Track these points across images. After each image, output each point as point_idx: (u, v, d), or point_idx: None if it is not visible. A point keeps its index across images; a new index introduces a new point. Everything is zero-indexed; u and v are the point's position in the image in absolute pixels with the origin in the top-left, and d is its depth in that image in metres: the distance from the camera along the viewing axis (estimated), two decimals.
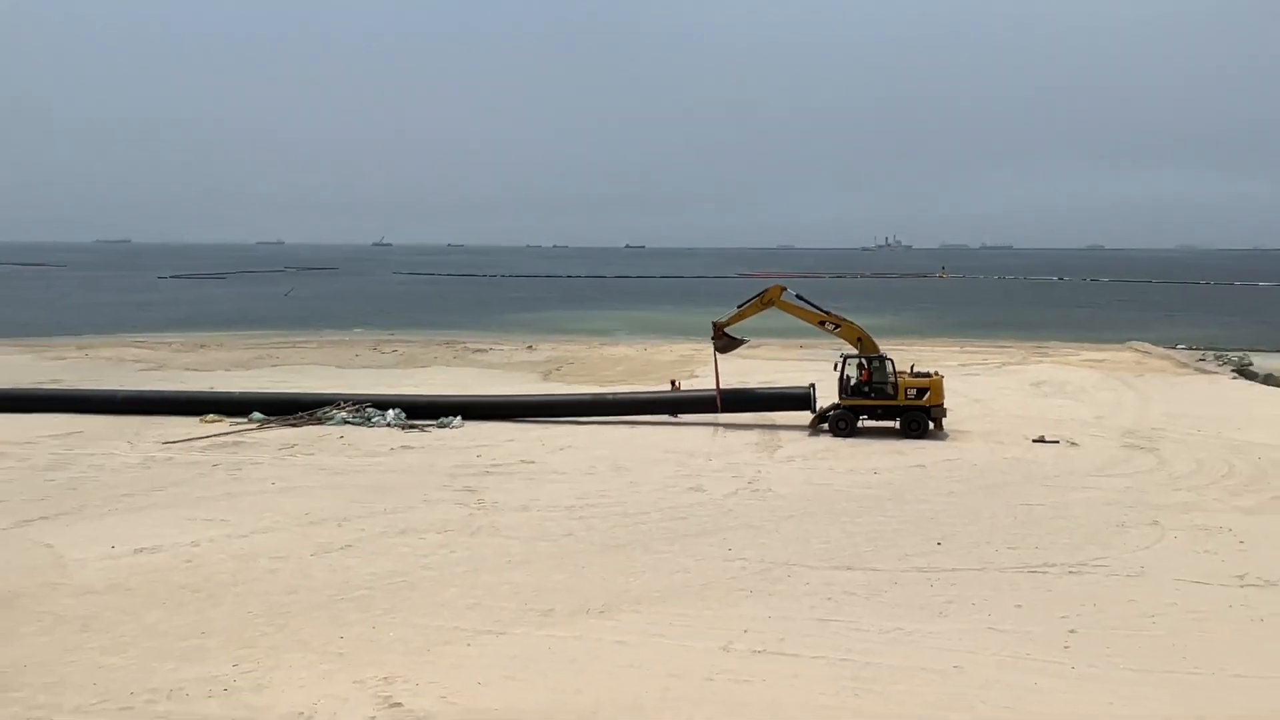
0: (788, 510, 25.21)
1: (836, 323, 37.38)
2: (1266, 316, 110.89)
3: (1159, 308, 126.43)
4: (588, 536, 22.89)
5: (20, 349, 68.71)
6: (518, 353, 67.44)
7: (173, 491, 27.19)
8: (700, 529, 23.50)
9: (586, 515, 24.74)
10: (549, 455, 32.27)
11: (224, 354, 66.30)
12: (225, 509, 25.30)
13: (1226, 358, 61.27)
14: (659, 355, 64.77)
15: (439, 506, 25.58)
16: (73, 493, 27.05)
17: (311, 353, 67.64)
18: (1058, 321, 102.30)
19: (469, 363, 61.06)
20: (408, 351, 67.97)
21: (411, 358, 63.61)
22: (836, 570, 20.47)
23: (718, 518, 24.52)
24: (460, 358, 63.83)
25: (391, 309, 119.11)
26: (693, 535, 22.97)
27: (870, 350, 36.91)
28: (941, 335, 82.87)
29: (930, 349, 65.29)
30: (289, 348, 71.37)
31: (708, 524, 23.95)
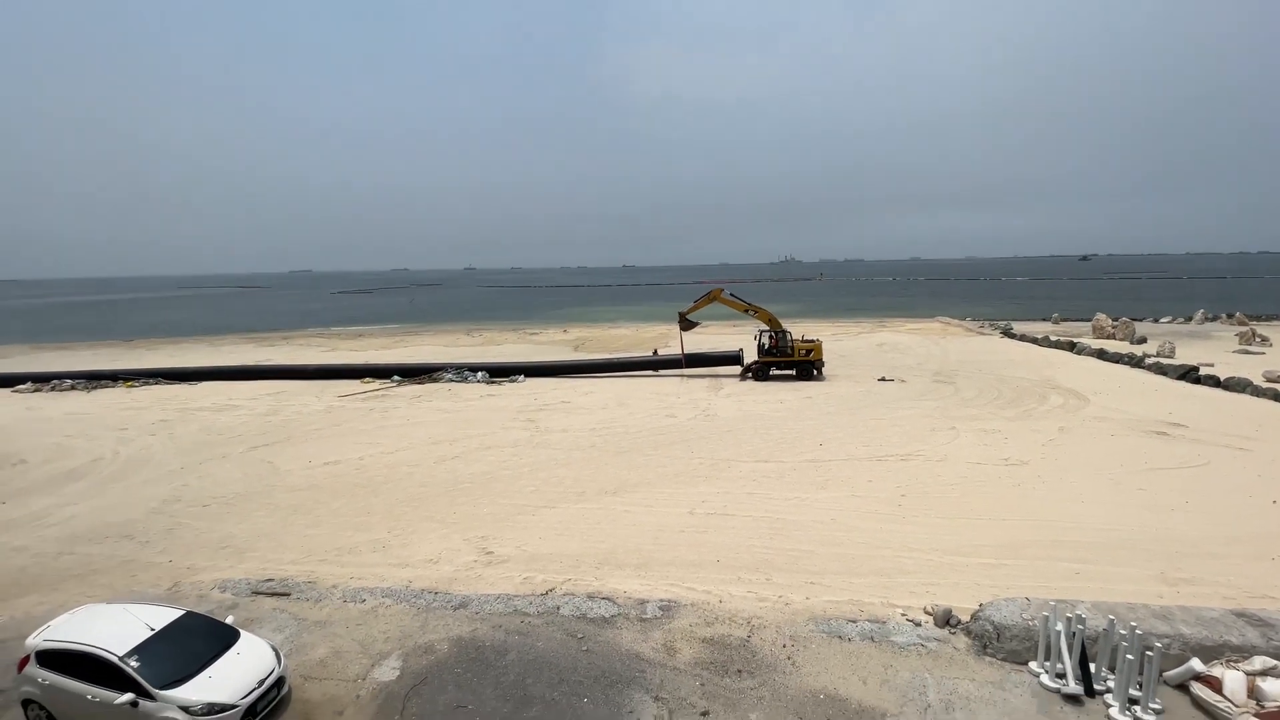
0: (727, 427, 25.38)
1: (755, 310, 37.29)
2: (1020, 300, 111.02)
3: (956, 295, 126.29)
4: (604, 447, 23.03)
5: (247, 341, 68.10)
6: (557, 334, 67.13)
7: (345, 426, 27.21)
8: (673, 440, 23.65)
9: (603, 434, 24.87)
10: (579, 397, 32.37)
11: (373, 340, 65.81)
12: (378, 436, 25.34)
13: (996, 324, 61.46)
14: (646, 333, 64.54)
15: (511, 431, 25.66)
16: (283, 428, 27.07)
17: (428, 338, 67.14)
18: (891, 305, 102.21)
19: (527, 341, 60.79)
20: (488, 335, 67.56)
21: (490, 339, 63.26)
22: (758, 463, 20.66)
23: (684, 433, 24.66)
24: (521, 338, 63.51)
25: (477, 310, 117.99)
26: (668, 444, 23.12)
27: (777, 327, 36.87)
28: (820, 316, 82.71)
29: (813, 324, 65.18)
30: (413, 335, 70.82)
31: (677, 437, 24.09)
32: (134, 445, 24.78)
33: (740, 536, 15.02)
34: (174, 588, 13.28)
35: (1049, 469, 19.30)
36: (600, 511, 16.82)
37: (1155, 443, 21.81)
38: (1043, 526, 15.17)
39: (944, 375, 35.61)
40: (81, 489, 19.80)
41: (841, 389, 32.52)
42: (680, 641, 10.96)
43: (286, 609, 12.27)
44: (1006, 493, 17.44)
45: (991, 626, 10.60)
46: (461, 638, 11.17)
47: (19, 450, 24.24)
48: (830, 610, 11.76)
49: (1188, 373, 33.18)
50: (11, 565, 14.56)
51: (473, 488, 18.96)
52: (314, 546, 15.14)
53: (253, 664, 9.54)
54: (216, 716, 8.75)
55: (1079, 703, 9.37)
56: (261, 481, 20.07)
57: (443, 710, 9.43)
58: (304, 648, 11.04)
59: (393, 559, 14.36)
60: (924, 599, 12.06)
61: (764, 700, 9.51)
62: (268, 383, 39.11)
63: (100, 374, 41.13)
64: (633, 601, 12.17)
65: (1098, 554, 13.76)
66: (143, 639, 9.36)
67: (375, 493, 18.76)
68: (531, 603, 12.20)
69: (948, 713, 9.19)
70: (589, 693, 9.73)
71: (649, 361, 39.77)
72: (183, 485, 19.88)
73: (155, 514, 17.52)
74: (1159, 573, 12.95)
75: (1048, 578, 12.75)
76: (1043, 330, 56.77)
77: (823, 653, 10.56)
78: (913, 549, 14.17)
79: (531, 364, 40.81)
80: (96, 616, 9.86)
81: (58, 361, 50.96)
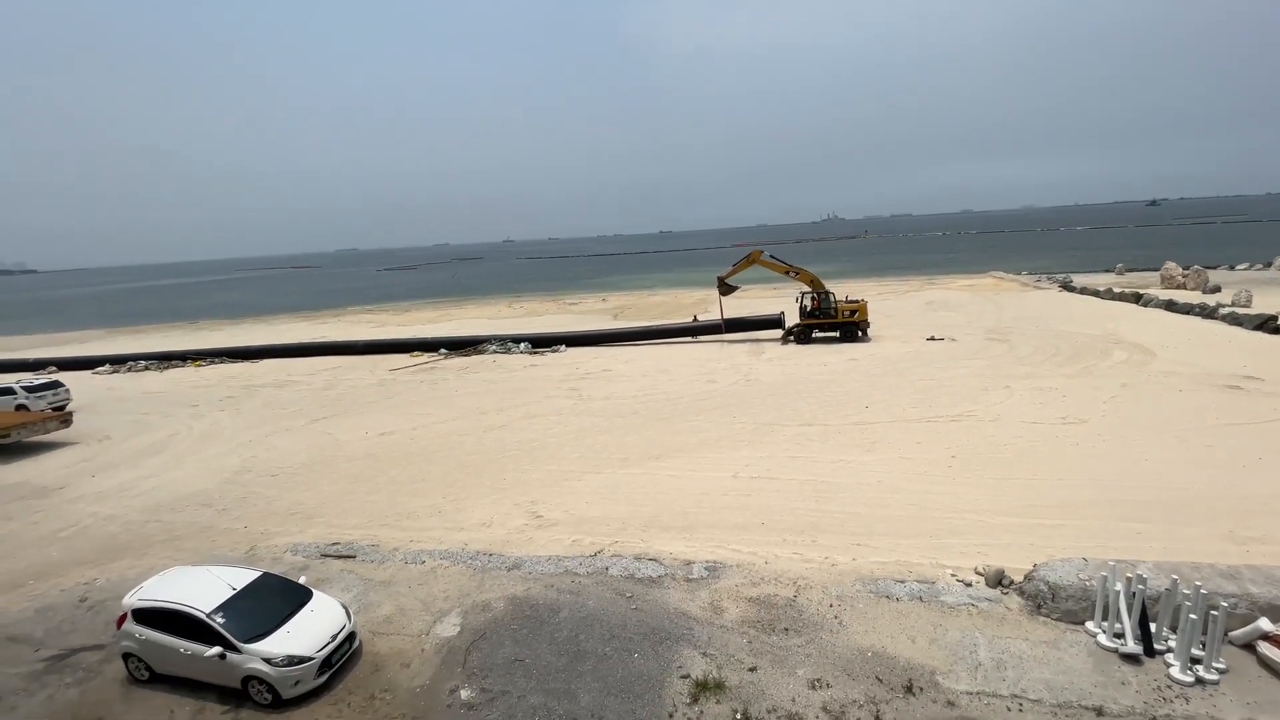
0: (769, 392, 25.20)
1: (797, 271, 36.49)
2: (1081, 250, 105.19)
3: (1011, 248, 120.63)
4: (646, 413, 23.20)
5: (300, 319, 70.81)
6: (596, 303, 67.37)
7: (398, 398, 28.14)
8: (715, 405, 23.65)
9: (644, 400, 25.04)
10: (619, 365, 32.57)
11: (419, 314, 67.48)
12: (430, 407, 26.14)
13: (1054, 277, 58.44)
14: (684, 299, 64.12)
15: (555, 400, 26.06)
16: (339, 401, 28.22)
17: (471, 309, 68.44)
18: (942, 262, 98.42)
19: (566, 311, 61.26)
20: (529, 306, 68.35)
21: (532, 310, 64.00)
22: (801, 426, 20.51)
23: (725, 398, 24.62)
24: (561, 308, 64.03)
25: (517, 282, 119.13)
26: (710, 409, 23.15)
27: (819, 288, 36.09)
28: (865, 275, 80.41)
29: (858, 284, 63.54)
30: (458, 307, 72.24)
31: (719, 402, 24.08)
32: (205, 420, 26.32)
33: (784, 499, 15.05)
34: (250, 551, 14.23)
35: (1110, 427, 18.55)
36: (644, 476, 17.08)
37: (1227, 397, 20.65)
38: (1102, 486, 14.67)
39: (997, 333, 34.33)
40: (161, 462, 21.23)
41: (888, 350, 31.76)
42: (726, 601, 11.18)
43: (353, 570, 13.02)
44: (1063, 452, 16.88)
45: (1046, 587, 10.43)
46: (516, 596, 11.66)
47: (103, 427, 26.07)
48: (877, 571, 11.76)
49: (1265, 322, 31.06)
50: (104, 532, 15.84)
51: (520, 455, 19.47)
52: (375, 512, 15.91)
53: (326, 620, 10.22)
54: (296, 667, 9.45)
55: (1138, 662, 9.19)
56: (323, 452, 21.08)
57: (502, 663, 9.94)
58: (370, 606, 11.73)
59: (448, 523, 14.99)
60: (975, 560, 11.91)
61: (811, 657, 9.67)
62: (323, 359, 40.80)
63: (171, 355, 43.64)
64: (679, 562, 12.43)
65: (1161, 513, 13.26)
66: (226, 597, 10.12)
67: (429, 461, 19.48)
68: (581, 563, 12.60)
69: (999, 671, 9.16)
70: (639, 648, 10.07)
71: (689, 328, 39.62)
72: (252, 457, 21.08)
73: (229, 484, 18.69)
74: (1227, 532, 12.41)
75: (1107, 538, 12.38)
76: (1105, 282, 53.76)
77: (870, 612, 10.61)
78: (963, 510, 13.94)
79: (572, 333, 41.20)
80: (183, 577, 10.69)
81: (132, 344, 54.22)
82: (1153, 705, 8.44)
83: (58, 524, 16.53)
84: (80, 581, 13.35)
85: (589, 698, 9.13)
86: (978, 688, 8.89)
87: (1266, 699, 8.46)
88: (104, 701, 9.88)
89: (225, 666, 9.53)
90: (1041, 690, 8.78)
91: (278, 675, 9.36)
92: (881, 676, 9.19)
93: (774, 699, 8.92)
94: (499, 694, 9.33)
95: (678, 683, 9.31)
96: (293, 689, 9.43)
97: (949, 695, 8.80)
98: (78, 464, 21.47)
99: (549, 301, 72.94)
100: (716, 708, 8.82)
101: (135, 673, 10.20)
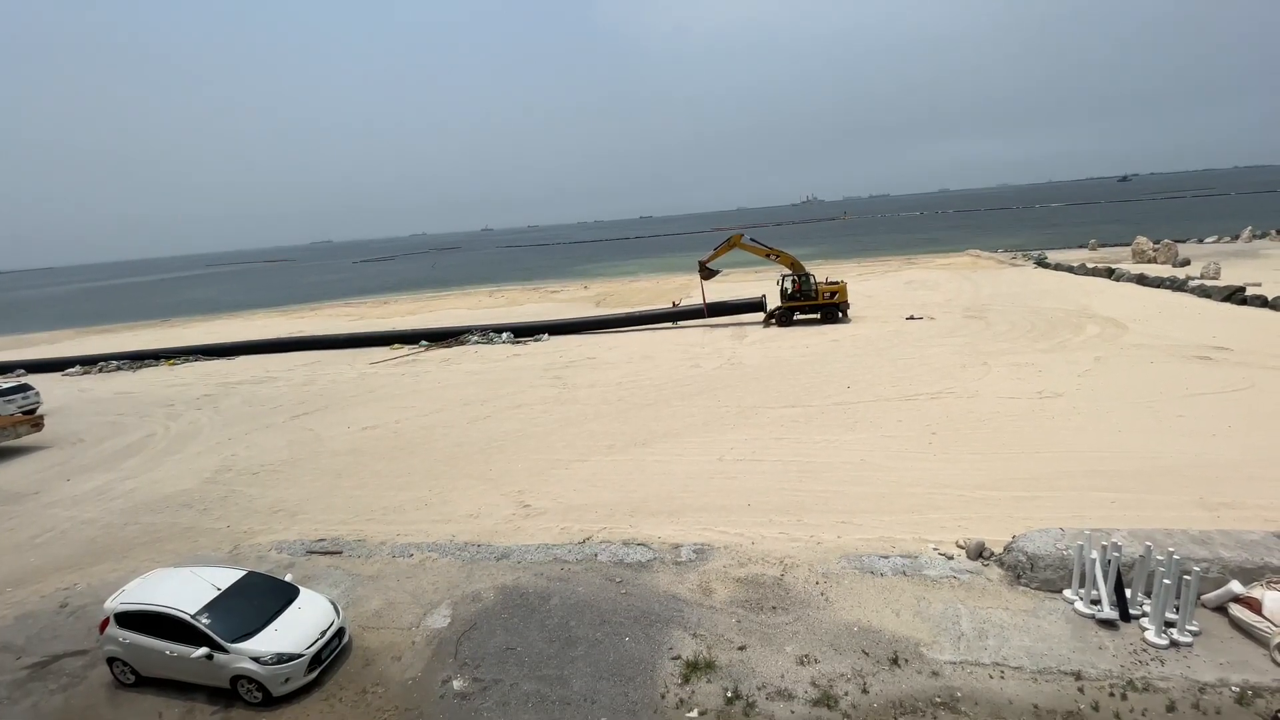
0: (753, 375, 25.34)
1: (777, 254, 36.61)
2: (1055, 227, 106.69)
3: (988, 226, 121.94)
4: (631, 400, 23.23)
5: (277, 314, 69.58)
6: (578, 291, 67.02)
7: (379, 392, 27.87)
8: (699, 390, 23.74)
9: (629, 387, 25.06)
10: (603, 352, 32.53)
11: (399, 306, 66.63)
12: (412, 400, 25.92)
13: (1030, 255, 59.25)
14: (666, 285, 64.03)
15: (539, 389, 25.98)
16: (320, 397, 27.85)
17: (451, 300, 67.71)
18: (920, 241, 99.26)
19: (548, 299, 60.87)
20: (510, 295, 67.81)
21: (513, 300, 63.51)
22: (785, 408, 20.68)
23: (710, 382, 24.72)
24: (543, 297, 63.60)
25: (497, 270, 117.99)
26: (695, 394, 23.24)
27: (799, 270, 36.27)
28: (845, 256, 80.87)
29: (838, 266, 63.91)
30: (437, 299, 71.45)
31: (704, 386, 24.17)
32: (182, 420, 25.84)
33: (770, 480, 15.20)
34: (234, 550, 14.06)
35: (1084, 400, 18.97)
36: (631, 463, 17.13)
37: (1196, 368, 21.20)
38: (1078, 458, 15.02)
39: (975, 310, 34.81)
40: (138, 463, 20.83)
41: (868, 330, 32.07)
42: (715, 582, 11.30)
43: (340, 566, 12.93)
44: (1040, 426, 17.24)
45: (1025, 557, 10.68)
46: (506, 586, 11.68)
47: (76, 430, 25.48)
48: (862, 547, 11.95)
49: (1233, 294, 31.88)
50: (83, 536, 15.54)
51: (506, 445, 19.41)
52: (360, 507, 15.79)
53: (314, 617, 10.15)
54: (285, 665, 9.39)
55: (1114, 627, 9.48)
56: (305, 448, 20.83)
57: (493, 652, 9.97)
58: (359, 600, 11.68)
59: (435, 515, 14.93)
60: (956, 534, 12.16)
61: (799, 634, 9.83)
62: (301, 353, 40.15)
63: (143, 354, 42.65)
64: (667, 546, 12.52)
65: (1134, 483, 13.62)
66: (211, 598, 10.00)
67: (414, 454, 19.35)
68: (570, 551, 12.64)
69: (981, 640, 9.40)
70: (630, 632, 10.16)
71: (671, 313, 39.62)
72: (232, 455, 20.77)
73: (209, 483, 18.40)
74: (1197, 498, 12.80)
75: (1083, 508, 12.70)
76: (1079, 258, 54.68)
77: (855, 588, 10.80)
78: (944, 485, 14.20)
79: (555, 322, 40.96)
80: (166, 579, 10.53)
81: (103, 344, 52.89)
82: (1129, 668, 8.72)
83: (34, 530, 16.18)
84: (60, 587, 13.11)
85: (581, 683, 9.21)
86: (961, 657, 9.12)
87: (1238, 659, 8.78)
88: (90, 707, 9.75)
89: (213, 667, 9.44)
90: (1022, 657, 9.03)
91: (267, 673, 9.29)
92: (868, 650, 9.38)
93: (763, 676, 9.06)
94: (492, 683, 9.36)
95: (669, 664, 9.43)
96: (283, 686, 9.38)
97: (933, 666, 9.01)
98: (51, 468, 20.99)
99: (530, 290, 72.36)
100: (708, 687, 8.94)
101: (121, 677, 10.07)
